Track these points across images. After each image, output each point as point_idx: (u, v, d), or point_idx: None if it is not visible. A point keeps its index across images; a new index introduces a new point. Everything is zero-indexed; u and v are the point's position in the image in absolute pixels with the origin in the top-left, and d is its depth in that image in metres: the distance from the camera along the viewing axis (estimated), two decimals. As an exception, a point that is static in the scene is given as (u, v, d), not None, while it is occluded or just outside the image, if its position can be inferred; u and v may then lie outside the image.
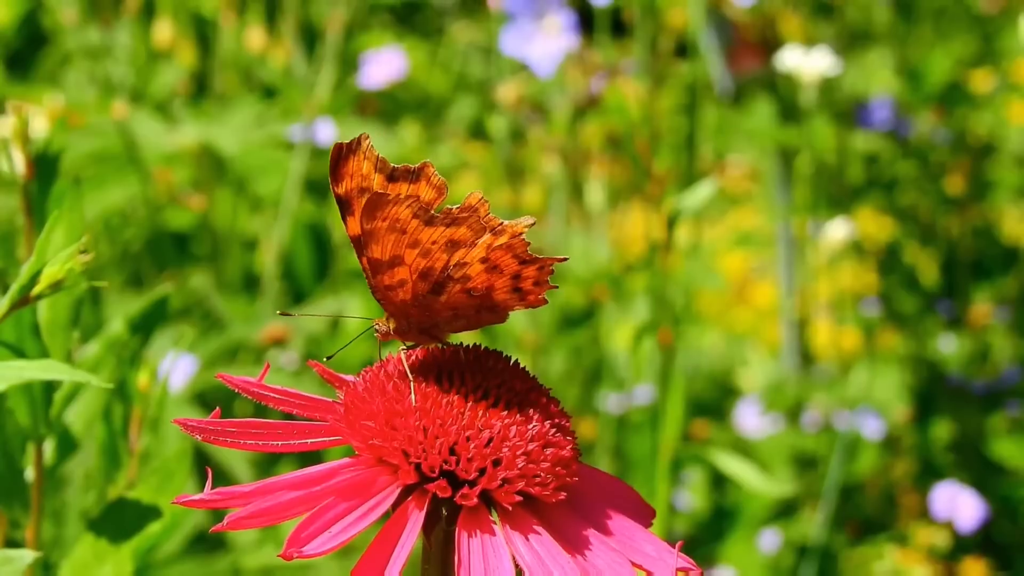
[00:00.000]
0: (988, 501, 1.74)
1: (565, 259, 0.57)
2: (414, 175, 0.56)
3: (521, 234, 0.55)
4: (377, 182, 0.56)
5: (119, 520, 0.67)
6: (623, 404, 1.72)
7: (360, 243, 0.55)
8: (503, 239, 0.55)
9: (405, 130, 1.96)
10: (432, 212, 0.54)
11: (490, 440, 0.52)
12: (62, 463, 0.76)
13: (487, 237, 0.55)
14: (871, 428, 1.86)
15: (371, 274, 0.56)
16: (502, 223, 0.55)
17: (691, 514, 1.80)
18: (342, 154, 0.55)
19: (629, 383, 1.74)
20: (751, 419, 1.95)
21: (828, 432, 1.88)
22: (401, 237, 0.54)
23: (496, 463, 0.52)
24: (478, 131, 2.09)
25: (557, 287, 0.57)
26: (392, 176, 0.56)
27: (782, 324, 2.18)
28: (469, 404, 0.53)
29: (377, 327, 0.58)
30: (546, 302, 0.57)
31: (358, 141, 0.55)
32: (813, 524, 1.73)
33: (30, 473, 0.70)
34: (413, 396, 0.53)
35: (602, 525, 0.54)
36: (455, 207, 0.55)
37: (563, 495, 0.53)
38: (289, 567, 1.28)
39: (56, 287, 0.58)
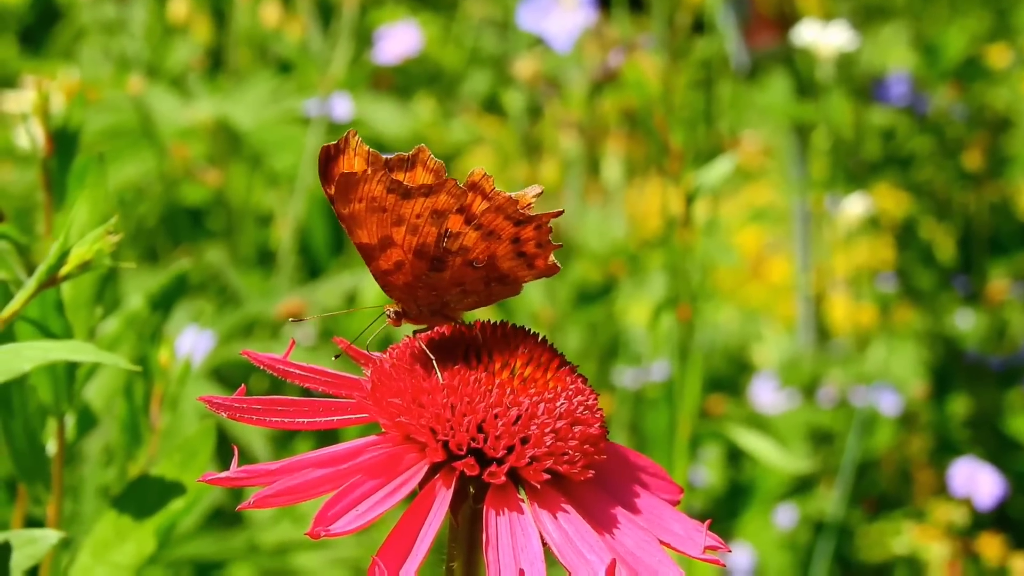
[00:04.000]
0: (1004, 477, 1.73)
1: (561, 212, 0.56)
2: (409, 162, 0.54)
3: (511, 197, 0.54)
4: None
5: (142, 497, 0.67)
6: (639, 380, 1.71)
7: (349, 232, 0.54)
8: (491, 202, 0.54)
9: (419, 105, 1.96)
10: (408, 186, 0.53)
11: (518, 418, 0.51)
12: (82, 439, 0.76)
13: (481, 202, 0.54)
14: (888, 404, 1.85)
15: (367, 261, 0.55)
16: (509, 196, 0.54)
17: (707, 490, 1.79)
18: (331, 155, 0.54)
19: (645, 359, 1.74)
20: (767, 395, 1.95)
21: (844, 408, 1.87)
22: (383, 216, 0.53)
23: (524, 441, 0.51)
24: (492, 106, 2.09)
25: (561, 245, 0.56)
26: (387, 167, 0.54)
27: (798, 300, 2.18)
28: (496, 382, 0.52)
29: (389, 313, 0.57)
30: (557, 268, 0.56)
31: (346, 139, 0.54)
32: (829, 500, 1.73)
33: (51, 449, 0.70)
34: (439, 374, 0.52)
35: (630, 503, 0.54)
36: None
37: (591, 473, 0.52)
38: (305, 543, 1.28)
39: (84, 267, 0.58)
